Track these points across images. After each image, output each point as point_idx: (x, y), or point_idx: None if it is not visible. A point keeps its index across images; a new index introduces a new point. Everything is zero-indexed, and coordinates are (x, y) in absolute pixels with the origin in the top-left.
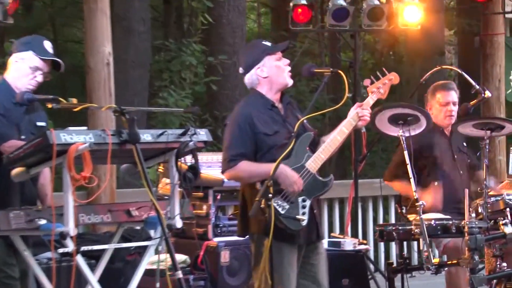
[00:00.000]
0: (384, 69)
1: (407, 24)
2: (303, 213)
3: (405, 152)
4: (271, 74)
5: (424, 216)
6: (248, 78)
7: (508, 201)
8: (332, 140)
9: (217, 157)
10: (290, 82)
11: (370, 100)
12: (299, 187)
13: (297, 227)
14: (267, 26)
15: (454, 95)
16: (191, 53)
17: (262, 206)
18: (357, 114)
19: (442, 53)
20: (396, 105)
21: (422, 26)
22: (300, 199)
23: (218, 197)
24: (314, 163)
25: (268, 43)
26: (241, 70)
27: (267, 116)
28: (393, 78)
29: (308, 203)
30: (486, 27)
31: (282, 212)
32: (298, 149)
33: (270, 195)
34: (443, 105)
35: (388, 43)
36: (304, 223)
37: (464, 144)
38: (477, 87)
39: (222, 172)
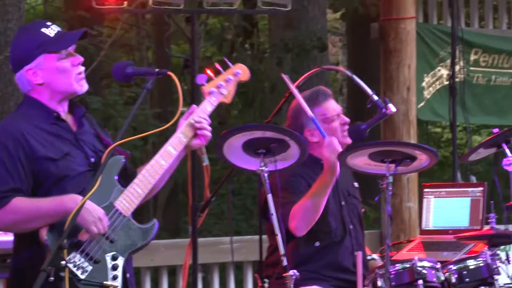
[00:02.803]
0: (226, 59)
1: (271, 3)
2: (114, 277)
3: (269, 197)
4: (49, 80)
5: None
6: (18, 80)
7: (420, 270)
8: (153, 167)
9: None
10: (81, 89)
11: (208, 105)
12: (104, 227)
13: None
14: (59, 3)
15: (336, 103)
16: None
17: (51, 279)
18: (190, 127)
19: (324, 47)
20: (252, 126)
21: (293, 6)
22: (108, 256)
23: None
24: (127, 201)
25: (51, 31)
26: (11, 65)
27: (49, 133)
28: (240, 72)
29: (121, 261)
30: (389, 7)
31: (82, 276)
32: (103, 181)
33: (64, 263)
34: (334, 119)
35: (242, 32)
36: None
37: (355, 184)
38: (376, 98)
39: None
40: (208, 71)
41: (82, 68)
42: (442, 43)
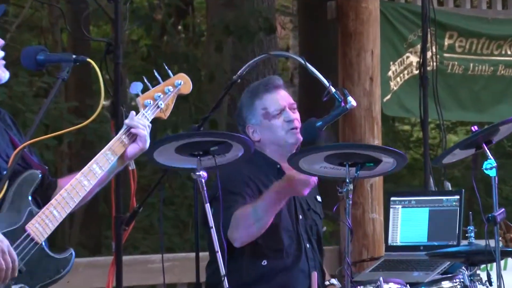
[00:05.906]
0: (166, 66)
1: None
2: None
3: (207, 206)
4: None
5: None
6: None
7: None
8: (74, 188)
9: None
10: (4, 76)
11: (143, 120)
12: (13, 259)
13: None
14: None
15: (287, 95)
16: None
17: None
18: (120, 142)
19: (271, 29)
20: (186, 135)
21: None
22: None
23: None
24: (41, 225)
25: None
26: None
27: None
28: (181, 83)
29: None
30: None
31: None
32: (14, 199)
33: None
34: (276, 115)
35: (174, 11)
36: None
37: (318, 198)
38: (333, 90)
39: None
40: (144, 79)
41: (2, 53)
42: (411, 25)
